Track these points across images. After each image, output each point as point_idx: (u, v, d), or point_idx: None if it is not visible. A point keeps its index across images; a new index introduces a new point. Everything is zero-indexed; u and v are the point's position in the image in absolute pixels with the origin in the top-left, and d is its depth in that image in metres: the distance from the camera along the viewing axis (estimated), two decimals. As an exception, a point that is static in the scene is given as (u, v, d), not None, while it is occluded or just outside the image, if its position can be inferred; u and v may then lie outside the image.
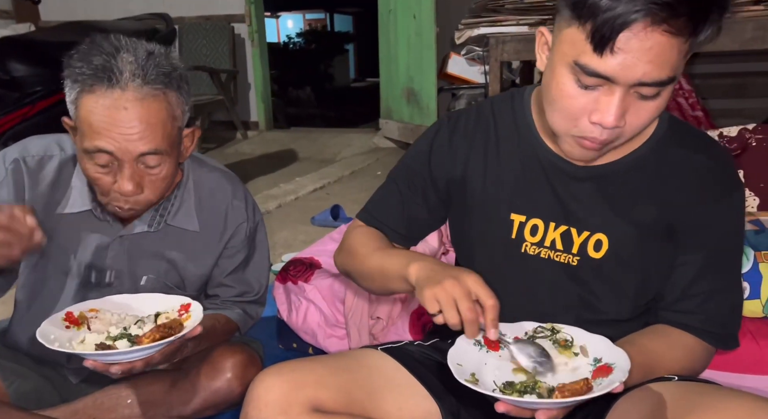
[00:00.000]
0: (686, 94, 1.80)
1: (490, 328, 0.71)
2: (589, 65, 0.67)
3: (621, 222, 0.80)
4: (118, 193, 0.88)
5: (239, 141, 4.84)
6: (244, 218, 1.06)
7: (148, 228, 0.99)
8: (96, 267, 1.00)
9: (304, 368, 0.80)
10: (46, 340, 0.81)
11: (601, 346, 0.75)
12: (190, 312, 0.90)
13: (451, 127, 0.90)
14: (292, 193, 3.23)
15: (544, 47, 0.77)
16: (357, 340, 1.32)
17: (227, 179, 1.07)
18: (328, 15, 16.14)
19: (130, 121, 0.83)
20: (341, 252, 0.97)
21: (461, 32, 2.70)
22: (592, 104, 0.69)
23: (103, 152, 0.85)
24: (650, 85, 0.67)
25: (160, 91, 0.85)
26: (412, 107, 4.01)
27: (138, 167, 0.87)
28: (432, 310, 0.73)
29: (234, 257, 1.07)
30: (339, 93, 10.34)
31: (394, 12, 4.01)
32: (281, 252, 2.32)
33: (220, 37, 4.71)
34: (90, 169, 0.88)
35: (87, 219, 0.98)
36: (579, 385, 0.67)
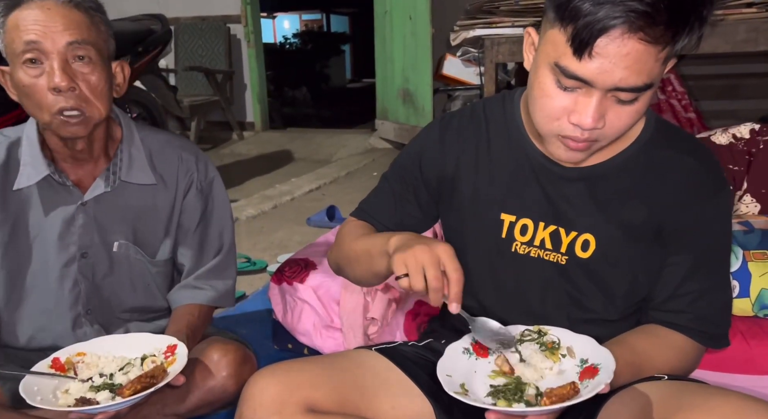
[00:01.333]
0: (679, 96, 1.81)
1: (453, 302, 0.72)
2: (569, 68, 0.68)
3: (609, 223, 0.81)
4: (53, 92, 0.89)
5: (235, 141, 4.83)
6: (194, 169, 1.09)
7: (105, 187, 1.01)
8: (67, 240, 1.01)
9: (299, 368, 0.81)
10: (29, 395, 0.82)
11: (588, 347, 0.76)
12: (175, 355, 0.90)
13: (443, 127, 0.91)
14: (287, 193, 3.23)
15: (530, 47, 0.78)
16: (352, 341, 1.32)
17: (175, 136, 1.14)
18: (324, 16, 16.12)
19: (54, 16, 0.89)
20: (332, 247, 0.99)
21: (457, 33, 2.71)
22: (571, 105, 0.71)
23: (32, 46, 0.88)
24: (627, 91, 0.68)
25: (80, 3, 0.92)
26: (407, 108, 4.02)
27: (68, 65, 0.90)
28: (398, 272, 0.73)
29: (192, 213, 1.09)
30: (335, 93, 10.33)
31: (390, 13, 4.02)
32: (277, 253, 2.33)
33: (215, 37, 4.71)
34: (23, 78, 0.90)
35: (47, 191, 0.99)
36: (566, 390, 0.68)
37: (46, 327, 1.05)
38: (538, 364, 0.76)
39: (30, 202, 0.99)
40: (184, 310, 1.08)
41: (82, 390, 0.86)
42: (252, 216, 2.87)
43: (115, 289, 1.07)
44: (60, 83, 0.88)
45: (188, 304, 1.09)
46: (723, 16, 2.03)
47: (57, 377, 0.88)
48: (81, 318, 1.05)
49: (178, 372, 0.86)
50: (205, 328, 1.12)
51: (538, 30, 0.76)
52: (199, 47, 4.72)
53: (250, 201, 3.10)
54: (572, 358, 0.76)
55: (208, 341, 1.09)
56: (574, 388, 0.68)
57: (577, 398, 0.66)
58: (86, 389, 0.86)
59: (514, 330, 0.80)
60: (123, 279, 1.07)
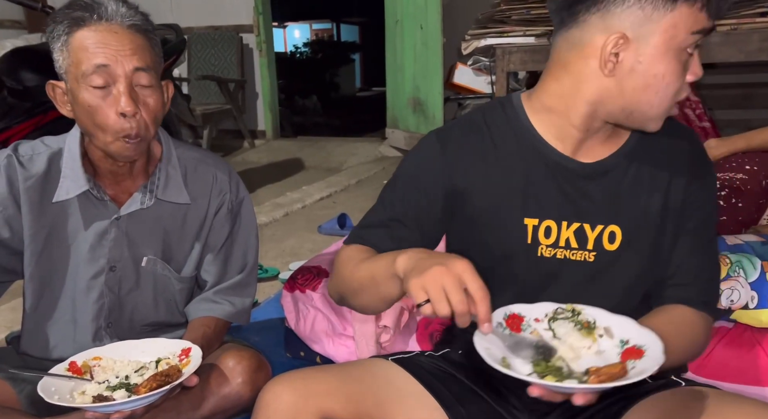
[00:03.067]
0: (693, 105, 1.80)
1: (484, 322, 0.68)
2: (706, 26, 0.74)
3: (630, 212, 0.83)
4: (120, 116, 0.91)
5: (246, 149, 4.87)
6: (227, 189, 1.10)
7: (140, 205, 1.02)
8: (97, 253, 1.02)
9: (314, 377, 0.80)
10: (47, 394, 0.83)
11: (627, 327, 0.74)
12: (190, 357, 0.92)
13: (442, 140, 0.88)
14: (298, 201, 3.25)
15: (612, 57, 0.76)
16: (364, 349, 1.32)
17: (209, 154, 1.13)
18: (334, 25, 16.26)
19: (122, 41, 0.91)
20: (331, 277, 0.93)
21: (468, 43, 2.72)
22: (684, 71, 0.76)
23: (101, 69, 0.89)
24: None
25: (141, 26, 0.94)
26: (418, 116, 4.03)
27: (133, 89, 0.92)
28: (419, 300, 0.68)
29: (220, 231, 1.10)
30: (345, 102, 10.39)
31: (401, 22, 4.05)
32: (288, 261, 2.33)
33: (228, 46, 4.76)
34: (87, 99, 0.91)
35: (84, 204, 1.01)
36: (616, 369, 0.65)
37: (67, 338, 1.06)
38: (575, 343, 0.74)
39: (66, 213, 1.01)
40: (200, 322, 1.09)
41: (98, 390, 0.88)
42: (263, 223, 2.89)
43: (138, 304, 1.08)
44: (126, 108, 0.90)
45: (204, 319, 1.09)
46: (736, 25, 2.02)
47: (73, 379, 0.90)
48: (102, 331, 1.06)
49: (192, 372, 0.87)
50: (219, 342, 1.12)
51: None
52: (212, 56, 4.78)
53: (262, 209, 3.11)
54: (610, 339, 0.74)
55: (223, 348, 1.09)
56: (623, 369, 0.66)
57: (625, 379, 0.64)
58: (102, 389, 0.88)
59: (544, 307, 0.78)
60: (147, 294, 1.08)
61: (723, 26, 2.07)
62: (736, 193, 1.29)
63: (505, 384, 0.88)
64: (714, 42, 2.08)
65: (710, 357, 1.13)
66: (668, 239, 0.84)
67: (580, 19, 0.76)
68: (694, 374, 1.14)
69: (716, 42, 2.07)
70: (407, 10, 3.94)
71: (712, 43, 2.08)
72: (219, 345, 1.11)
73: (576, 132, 0.82)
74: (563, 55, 0.80)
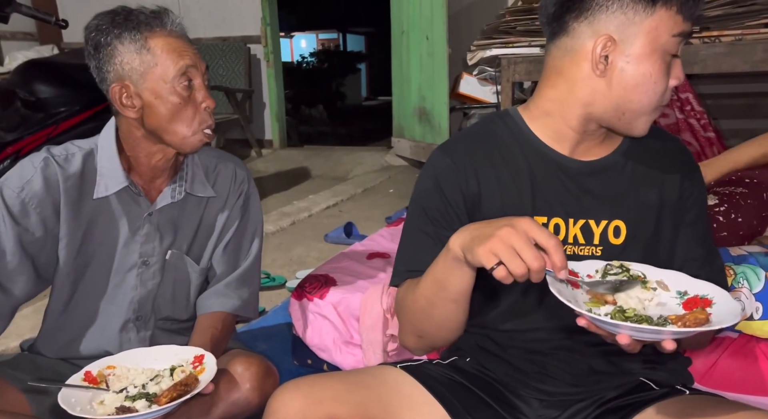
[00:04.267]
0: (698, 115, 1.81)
1: (561, 269, 0.67)
2: (686, 29, 0.78)
3: (631, 207, 0.87)
4: (204, 110, 1.01)
5: (254, 158, 4.90)
6: (246, 185, 1.18)
7: (171, 199, 1.08)
8: (131, 248, 1.07)
9: (323, 384, 0.81)
10: (69, 406, 0.84)
11: (680, 279, 0.75)
12: (204, 364, 0.93)
13: (450, 151, 0.90)
14: (305, 210, 3.27)
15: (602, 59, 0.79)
16: (371, 357, 1.33)
17: (225, 153, 1.21)
18: (340, 35, 16.38)
19: (188, 45, 1.01)
20: (400, 328, 0.91)
21: (473, 53, 2.75)
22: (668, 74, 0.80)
23: (190, 69, 0.99)
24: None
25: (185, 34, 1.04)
26: (424, 126, 4.05)
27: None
28: (489, 264, 0.67)
29: (233, 223, 1.15)
30: (351, 111, 10.44)
31: (407, 33, 4.08)
32: (295, 269, 2.35)
33: (236, 57, 4.81)
34: (176, 97, 0.99)
35: (120, 200, 1.06)
36: (703, 315, 0.66)
37: (94, 332, 1.09)
38: (639, 295, 0.73)
39: (103, 210, 1.05)
40: (208, 323, 1.11)
41: (117, 400, 0.89)
42: (271, 232, 2.91)
43: (158, 297, 1.12)
44: (211, 104, 1.01)
45: (212, 315, 1.12)
46: (741, 35, 2.04)
47: (91, 389, 0.90)
48: (130, 323, 1.10)
49: (209, 380, 0.89)
50: (227, 339, 1.14)
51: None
52: (220, 67, 4.83)
53: (269, 217, 3.13)
54: (666, 291, 0.74)
55: (231, 354, 1.10)
56: (707, 316, 0.66)
57: (713, 325, 0.64)
58: (122, 399, 0.89)
59: (592, 264, 0.77)
60: (167, 289, 1.12)
61: (728, 37, 2.09)
62: (736, 208, 1.28)
63: (514, 392, 0.89)
64: (719, 52, 2.09)
65: (715, 367, 1.13)
66: (668, 232, 0.88)
67: (570, 28, 0.80)
68: (698, 384, 1.14)
69: (721, 52, 2.08)
70: (413, 21, 3.97)
71: (717, 53, 2.09)
72: (227, 344, 1.14)
73: (573, 133, 0.86)
74: (557, 63, 0.84)
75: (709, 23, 2.08)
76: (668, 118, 1.80)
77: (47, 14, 2.06)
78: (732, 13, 2.06)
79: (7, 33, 4.67)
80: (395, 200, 3.38)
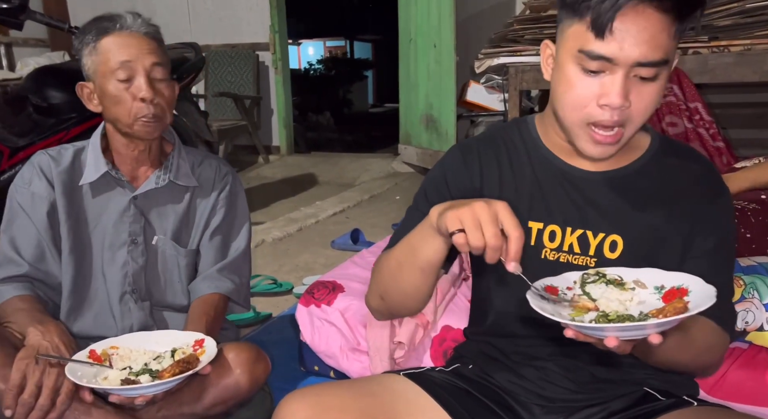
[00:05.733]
0: (707, 125, 1.81)
1: (511, 260, 0.69)
2: (594, 50, 0.75)
3: (633, 224, 0.85)
4: (139, 101, 1.08)
5: (261, 165, 4.93)
6: (229, 178, 1.26)
7: (155, 184, 1.17)
8: (120, 228, 1.17)
9: (329, 392, 0.82)
10: (75, 377, 0.91)
11: (656, 275, 0.75)
12: (204, 347, 0.99)
13: (463, 149, 0.95)
14: (312, 216, 3.28)
15: (549, 59, 0.84)
16: (378, 365, 1.33)
17: (212, 154, 1.31)
18: (348, 42, 16.47)
19: (140, 43, 1.09)
20: (369, 288, 0.96)
21: (481, 61, 2.76)
22: (598, 89, 0.76)
23: (125, 63, 1.07)
24: (647, 66, 0.74)
25: (154, 35, 1.12)
26: (430, 133, 4.06)
27: (151, 80, 1.09)
28: (453, 227, 0.70)
29: (219, 212, 1.23)
30: (357, 118, 10.46)
31: (414, 41, 4.11)
32: (302, 275, 2.36)
33: (245, 64, 4.85)
34: (114, 89, 1.09)
35: (105, 186, 1.17)
36: (680, 304, 0.66)
37: (95, 307, 1.17)
38: (619, 297, 0.74)
39: (92, 195, 1.17)
40: (201, 309, 1.17)
41: (121, 377, 0.94)
42: (278, 238, 2.92)
43: (149, 282, 1.19)
44: (147, 95, 1.08)
45: (205, 299, 1.18)
46: (750, 46, 2.04)
47: (95, 366, 0.96)
48: (126, 295, 1.17)
49: (209, 360, 0.95)
50: (220, 323, 1.20)
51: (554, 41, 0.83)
52: (229, 74, 4.87)
53: (276, 223, 3.15)
54: (644, 289, 0.75)
55: (222, 343, 1.12)
56: (684, 305, 0.66)
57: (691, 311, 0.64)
58: (124, 375, 0.95)
59: (569, 276, 0.78)
60: (157, 272, 1.20)
61: (737, 46, 2.09)
62: (746, 224, 1.27)
63: (515, 398, 0.89)
64: (728, 61, 2.09)
65: (724, 378, 1.13)
66: (670, 257, 0.85)
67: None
68: (707, 394, 1.13)
69: (730, 61, 2.08)
70: (421, 29, 4.00)
71: (726, 63, 2.09)
72: (220, 327, 1.20)
73: (566, 143, 0.87)
74: None
75: (718, 33, 2.08)
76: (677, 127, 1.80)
77: (60, 21, 2.08)
78: (741, 23, 2.06)
79: (19, 39, 4.73)
80: (402, 207, 3.38)
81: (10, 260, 1.13)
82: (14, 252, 1.13)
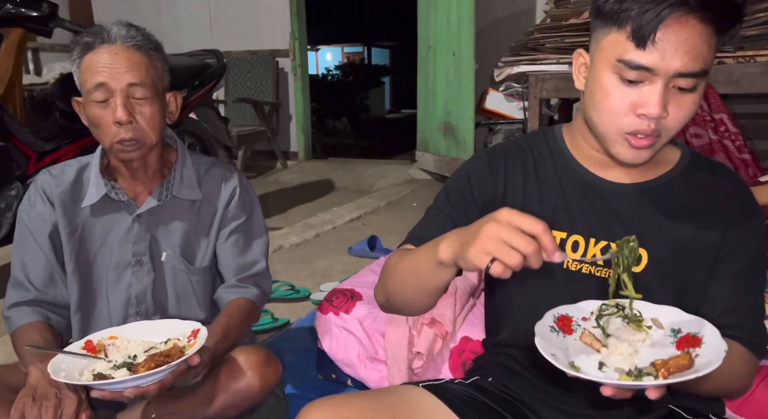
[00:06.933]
0: (732, 136, 1.78)
1: (554, 252, 0.66)
2: (633, 60, 0.74)
3: (659, 238, 0.83)
4: (116, 125, 1.03)
5: (279, 170, 4.96)
6: (237, 186, 1.20)
7: (157, 201, 1.13)
8: (125, 248, 1.14)
9: (348, 403, 0.82)
10: (54, 371, 0.88)
11: (675, 316, 0.73)
12: (197, 338, 0.95)
13: (490, 154, 0.95)
14: (329, 222, 3.29)
15: (581, 68, 0.84)
16: (396, 374, 1.32)
17: (220, 161, 1.26)
18: (365, 48, 16.55)
19: (119, 61, 1.04)
20: (378, 282, 0.96)
21: (501, 69, 2.75)
22: (637, 99, 0.76)
23: (100, 86, 1.02)
24: (687, 76, 0.73)
25: (141, 46, 1.07)
26: (448, 141, 4.06)
27: (129, 101, 1.04)
28: (483, 264, 0.66)
29: (232, 221, 1.19)
30: (374, 124, 10.49)
31: (433, 48, 4.11)
32: (319, 281, 2.36)
33: (264, 70, 4.90)
34: (92, 112, 1.05)
35: (108, 206, 1.14)
36: (684, 360, 0.65)
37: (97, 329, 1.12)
38: (630, 338, 0.73)
39: (94, 215, 1.14)
40: (224, 312, 1.15)
41: (105, 369, 0.91)
42: (295, 244, 2.93)
43: (161, 298, 1.16)
44: (121, 118, 1.03)
45: (229, 304, 1.16)
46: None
47: (88, 358, 0.93)
48: (130, 319, 1.14)
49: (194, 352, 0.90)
50: (243, 326, 1.16)
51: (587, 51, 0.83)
52: (249, 80, 4.92)
53: (294, 229, 3.16)
54: (660, 329, 0.73)
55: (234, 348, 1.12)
56: (690, 360, 0.65)
57: (693, 372, 0.63)
58: (109, 367, 0.91)
59: (588, 305, 0.78)
60: (167, 289, 1.17)
61: (763, 56, 2.05)
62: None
63: (535, 411, 0.88)
64: (754, 72, 2.06)
65: (752, 396, 1.10)
66: (697, 275, 0.83)
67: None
68: (734, 413, 1.11)
69: (756, 72, 2.05)
70: (440, 36, 4.00)
71: (752, 73, 2.06)
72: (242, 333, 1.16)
73: (596, 152, 0.87)
74: None
75: (745, 43, 2.05)
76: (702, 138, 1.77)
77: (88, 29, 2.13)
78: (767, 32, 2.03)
79: (45, 45, 4.84)
80: (419, 214, 3.35)
81: (20, 284, 1.12)
82: (24, 276, 1.12)
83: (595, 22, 0.79)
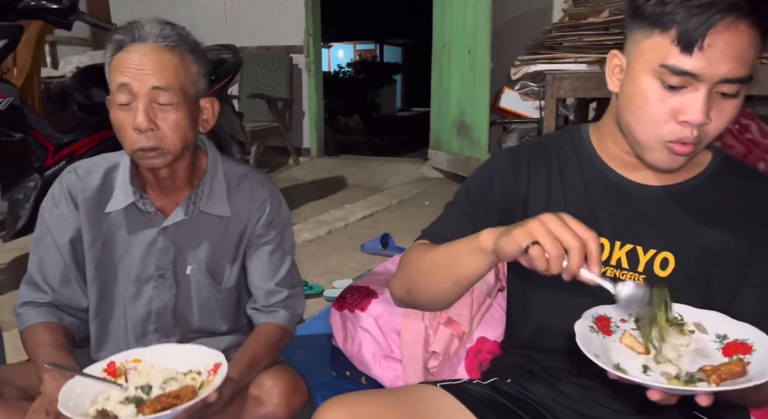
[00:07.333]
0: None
1: (595, 264, 0.66)
2: (678, 65, 0.71)
3: (687, 242, 0.82)
4: (136, 131, 0.95)
5: (291, 166, 4.98)
6: (268, 203, 1.13)
7: (185, 215, 1.07)
8: (147, 261, 1.08)
9: (365, 401, 0.82)
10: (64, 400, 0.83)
11: (719, 321, 0.71)
12: (216, 374, 0.88)
13: (513, 153, 0.94)
14: (342, 219, 3.29)
15: (616, 69, 0.81)
16: (411, 373, 1.32)
17: (255, 171, 1.17)
18: (378, 46, 16.53)
19: (146, 61, 0.96)
20: (396, 274, 0.94)
21: (517, 68, 2.73)
22: (678, 105, 0.73)
23: (123, 87, 0.95)
24: (733, 82, 0.71)
25: (175, 46, 0.98)
26: (462, 139, 4.04)
27: (151, 106, 0.96)
28: (525, 242, 0.67)
29: (260, 240, 1.13)
30: (385, 121, 10.48)
31: (448, 46, 4.09)
32: (332, 278, 2.36)
33: (279, 66, 4.91)
34: (114, 115, 0.98)
35: (133, 215, 1.07)
36: (738, 367, 0.63)
37: (114, 341, 1.11)
38: (674, 341, 0.71)
39: (119, 223, 1.08)
40: (254, 338, 1.10)
41: (116, 400, 0.87)
42: (308, 240, 2.93)
43: (184, 311, 1.12)
44: (141, 124, 0.95)
45: (259, 330, 1.12)
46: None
47: (106, 382, 0.89)
48: (149, 335, 1.11)
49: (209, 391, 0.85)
50: (271, 353, 1.12)
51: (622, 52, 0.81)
52: (263, 76, 4.93)
53: (306, 225, 3.17)
54: (704, 334, 0.71)
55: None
56: (743, 367, 0.63)
57: (749, 380, 0.61)
58: (121, 398, 0.87)
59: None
60: (191, 303, 1.12)
61: (787, 58, 2.01)
62: None
63: (556, 415, 0.87)
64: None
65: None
66: (726, 281, 0.81)
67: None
68: (758, 420, 1.09)
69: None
70: (456, 34, 3.98)
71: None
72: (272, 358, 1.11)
73: (626, 154, 0.84)
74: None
75: (769, 43, 2.01)
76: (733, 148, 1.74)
77: (107, 22, 2.14)
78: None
79: (63, 38, 4.88)
80: (431, 212, 3.36)
81: (35, 284, 1.08)
82: (40, 277, 1.08)
83: (632, 23, 0.77)
